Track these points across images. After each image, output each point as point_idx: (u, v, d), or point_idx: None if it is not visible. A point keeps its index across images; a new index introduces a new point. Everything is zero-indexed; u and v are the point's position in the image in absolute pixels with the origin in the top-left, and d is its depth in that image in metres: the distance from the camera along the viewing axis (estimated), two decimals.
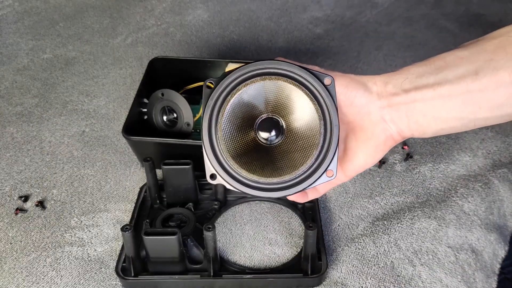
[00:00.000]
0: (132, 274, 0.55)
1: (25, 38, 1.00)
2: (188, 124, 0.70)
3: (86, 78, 0.89)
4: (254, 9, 1.08)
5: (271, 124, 0.45)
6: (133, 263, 0.55)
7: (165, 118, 0.72)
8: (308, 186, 0.44)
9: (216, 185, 0.64)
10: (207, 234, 0.53)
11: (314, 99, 0.43)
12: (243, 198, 0.66)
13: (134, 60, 0.93)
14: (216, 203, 0.65)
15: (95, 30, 1.02)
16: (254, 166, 0.44)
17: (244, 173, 0.44)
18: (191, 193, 0.64)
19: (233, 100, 0.43)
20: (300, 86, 0.43)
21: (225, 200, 0.66)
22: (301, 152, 0.44)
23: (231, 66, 0.73)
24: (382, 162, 0.71)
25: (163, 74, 0.77)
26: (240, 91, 0.43)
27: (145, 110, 0.73)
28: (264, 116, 0.45)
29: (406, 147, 0.74)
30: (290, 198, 0.47)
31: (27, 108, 0.82)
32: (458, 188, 0.67)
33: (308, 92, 0.43)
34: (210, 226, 0.52)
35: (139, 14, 1.07)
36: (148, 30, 1.02)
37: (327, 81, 0.43)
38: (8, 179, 0.70)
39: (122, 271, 0.56)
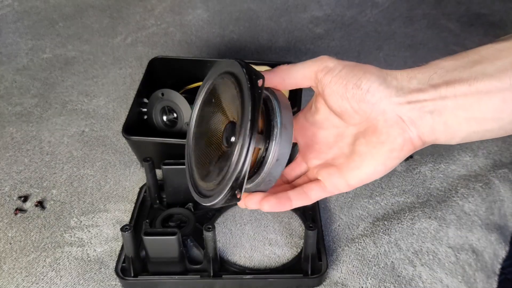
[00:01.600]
0: (132, 275, 0.55)
1: (24, 38, 0.99)
2: (188, 124, 0.70)
3: (85, 78, 0.89)
4: (254, 9, 1.08)
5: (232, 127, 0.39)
6: (133, 264, 0.55)
7: (165, 118, 0.72)
8: (209, 204, 0.39)
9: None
10: (207, 235, 0.53)
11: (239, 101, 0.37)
12: None
13: (134, 60, 0.93)
14: None
15: (94, 29, 1.02)
16: (204, 172, 0.42)
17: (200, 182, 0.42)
18: (191, 193, 0.64)
19: (196, 113, 0.44)
20: (237, 88, 0.38)
21: None
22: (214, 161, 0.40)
23: None
24: None
25: (163, 74, 0.77)
26: (198, 104, 0.43)
27: (145, 110, 0.72)
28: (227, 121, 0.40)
29: None
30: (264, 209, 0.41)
31: (27, 108, 0.82)
32: (458, 188, 0.67)
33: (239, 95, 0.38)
34: (210, 226, 0.52)
35: (139, 13, 1.07)
36: (148, 29, 1.02)
37: (259, 82, 0.37)
38: (7, 179, 0.70)
39: (121, 272, 0.56)
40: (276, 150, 0.38)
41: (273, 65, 0.71)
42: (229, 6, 1.09)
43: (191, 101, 0.70)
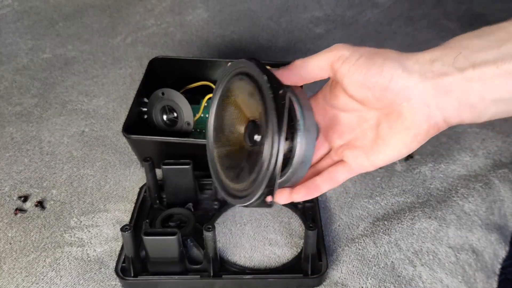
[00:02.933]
0: (132, 275, 0.55)
1: (24, 38, 0.99)
2: (189, 124, 0.70)
3: (85, 78, 0.89)
4: (254, 9, 1.08)
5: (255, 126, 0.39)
6: (133, 264, 0.55)
7: (165, 117, 0.72)
8: (244, 205, 0.39)
9: (216, 185, 0.64)
10: (207, 235, 0.53)
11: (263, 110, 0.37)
12: None
13: (134, 59, 0.93)
14: (216, 203, 0.65)
15: (94, 29, 1.02)
16: (232, 173, 0.42)
17: (226, 181, 0.42)
18: (191, 193, 0.64)
19: (215, 110, 0.43)
20: (258, 91, 0.38)
21: (225, 200, 0.65)
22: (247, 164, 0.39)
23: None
24: None
25: (163, 74, 0.77)
26: (215, 104, 0.43)
27: (145, 109, 0.72)
28: (250, 118, 0.40)
29: None
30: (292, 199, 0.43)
31: (27, 108, 0.82)
32: (458, 188, 0.67)
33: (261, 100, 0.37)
34: (210, 226, 0.52)
35: (139, 13, 1.07)
36: (148, 29, 1.02)
37: (282, 93, 0.36)
38: (7, 179, 0.70)
39: (121, 272, 0.56)
40: (302, 152, 0.38)
41: (273, 64, 0.70)
42: (229, 6, 1.09)
43: (191, 101, 0.70)
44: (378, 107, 0.39)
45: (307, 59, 0.41)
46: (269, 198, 0.37)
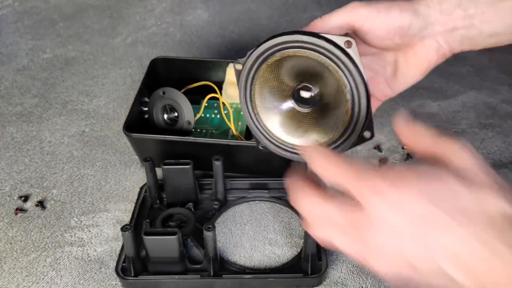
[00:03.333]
0: (132, 274, 0.55)
1: (25, 38, 1.00)
2: (189, 123, 0.70)
3: (86, 78, 0.89)
4: (254, 9, 1.08)
5: (307, 90, 0.47)
6: (133, 263, 0.55)
7: (165, 116, 0.72)
8: (345, 149, 0.46)
9: (216, 185, 0.64)
10: (207, 234, 0.53)
11: (337, 67, 0.42)
12: (243, 198, 0.66)
13: (134, 60, 0.93)
14: (216, 203, 0.65)
15: (95, 30, 1.02)
16: (295, 133, 0.48)
17: (285, 140, 0.48)
18: (191, 193, 0.64)
19: (262, 73, 0.46)
20: (322, 55, 0.43)
21: (225, 200, 0.65)
22: (333, 118, 0.45)
23: (231, 67, 0.73)
24: (383, 162, 0.71)
25: (164, 74, 0.77)
26: (269, 63, 0.45)
27: (146, 109, 0.73)
28: (299, 85, 0.46)
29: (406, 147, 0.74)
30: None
31: (27, 108, 0.82)
32: None
33: (330, 61, 0.43)
34: (210, 226, 0.52)
35: (139, 14, 1.07)
36: (148, 30, 1.02)
37: (347, 44, 0.42)
38: (8, 179, 0.70)
39: (122, 271, 0.56)
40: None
41: None
42: (229, 7, 1.09)
43: (192, 101, 0.70)
44: (396, 49, 0.46)
45: (326, 19, 0.46)
46: (367, 134, 0.44)
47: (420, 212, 0.28)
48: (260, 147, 0.49)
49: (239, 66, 0.46)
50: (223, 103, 0.71)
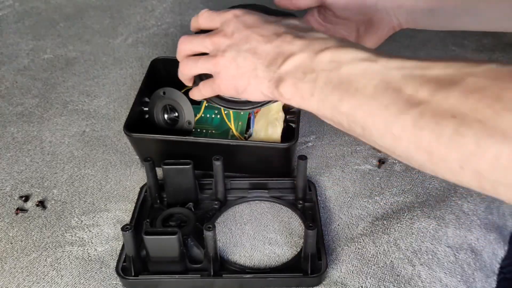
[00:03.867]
0: (133, 274, 0.56)
1: (25, 38, 1.00)
2: (190, 123, 0.70)
3: (86, 78, 0.89)
4: None
5: None
6: (134, 263, 0.55)
7: (166, 116, 0.72)
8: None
9: (216, 185, 0.64)
10: (207, 234, 0.53)
11: None
12: (243, 198, 0.66)
13: (135, 60, 0.93)
14: (216, 203, 0.65)
15: (95, 30, 1.02)
16: None
17: None
18: (191, 193, 0.64)
19: None
20: None
21: (225, 200, 0.66)
22: None
23: None
24: (382, 162, 0.71)
25: (164, 74, 0.77)
26: None
27: (146, 109, 0.73)
28: None
29: None
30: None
31: (28, 108, 0.83)
32: (457, 188, 0.67)
33: None
34: (210, 225, 0.52)
35: (139, 14, 1.07)
36: (149, 30, 1.02)
37: None
38: (8, 179, 0.70)
39: (122, 271, 0.56)
40: None
41: None
42: (229, 7, 1.09)
43: (192, 101, 0.70)
44: (357, 19, 0.59)
45: None
46: None
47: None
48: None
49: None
50: None
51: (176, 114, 0.71)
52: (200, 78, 0.55)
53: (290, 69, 0.43)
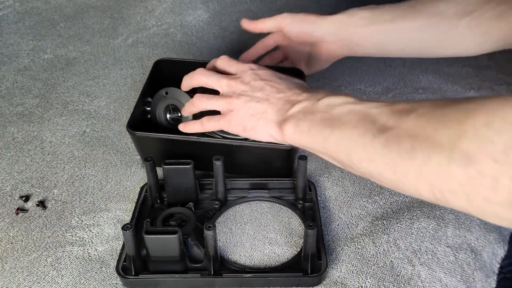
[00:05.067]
0: (133, 273, 0.56)
1: (26, 39, 1.00)
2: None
3: (87, 78, 0.89)
4: (254, 10, 1.08)
5: None
6: (134, 262, 0.55)
7: (168, 116, 0.72)
8: None
9: (216, 185, 0.64)
10: (208, 233, 0.53)
11: None
12: (243, 198, 0.66)
13: (135, 60, 0.93)
14: (216, 202, 0.65)
15: (95, 30, 1.02)
16: None
17: None
18: (192, 193, 0.64)
19: None
20: None
21: (226, 200, 0.66)
22: None
23: None
24: None
25: (167, 75, 0.77)
26: None
27: (149, 109, 0.73)
28: None
29: None
30: None
31: (28, 108, 0.83)
32: None
33: None
34: (211, 225, 0.53)
35: (139, 14, 1.07)
36: (149, 30, 1.02)
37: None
38: (9, 179, 0.70)
39: (122, 270, 0.56)
40: None
41: (272, 67, 0.71)
42: (229, 7, 1.09)
43: None
44: (309, 44, 0.72)
45: (263, 21, 0.75)
46: None
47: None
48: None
49: None
50: None
51: (179, 114, 0.71)
52: (202, 114, 0.63)
53: (294, 112, 0.52)
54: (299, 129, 0.51)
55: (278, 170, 0.68)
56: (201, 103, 0.60)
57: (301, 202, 0.65)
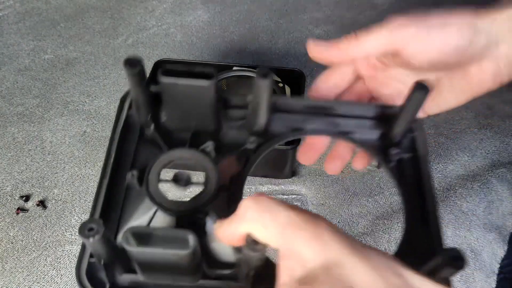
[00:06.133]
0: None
1: (26, 39, 1.00)
2: None
3: (87, 78, 0.90)
4: (254, 10, 1.08)
5: None
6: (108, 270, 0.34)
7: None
8: None
9: (257, 110, 0.37)
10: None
11: None
12: (297, 131, 0.41)
13: None
14: (252, 139, 0.38)
15: (96, 30, 1.03)
16: None
17: None
18: (209, 122, 0.37)
19: None
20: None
21: (266, 134, 0.39)
22: None
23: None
24: (378, 167, 0.71)
25: None
26: None
27: None
28: None
29: None
30: None
31: (28, 108, 0.83)
32: (456, 188, 0.67)
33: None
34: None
35: (139, 15, 1.07)
36: (149, 30, 1.02)
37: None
38: (9, 179, 0.70)
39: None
40: None
41: (273, 69, 0.71)
42: (229, 8, 1.09)
43: None
44: (443, 69, 0.37)
45: (362, 39, 0.38)
46: None
47: None
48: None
49: None
50: None
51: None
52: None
53: None
54: None
55: (280, 171, 0.68)
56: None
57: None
